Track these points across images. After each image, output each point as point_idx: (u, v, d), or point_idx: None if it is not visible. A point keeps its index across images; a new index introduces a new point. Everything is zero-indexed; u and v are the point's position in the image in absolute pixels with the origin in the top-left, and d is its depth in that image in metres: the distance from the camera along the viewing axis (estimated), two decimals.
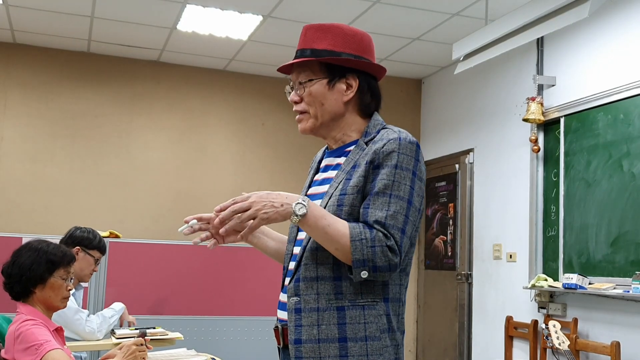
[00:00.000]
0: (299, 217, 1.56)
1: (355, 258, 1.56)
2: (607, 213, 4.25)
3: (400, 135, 1.68)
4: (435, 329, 6.16)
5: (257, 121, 6.47)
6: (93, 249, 3.41)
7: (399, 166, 1.63)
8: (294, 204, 1.57)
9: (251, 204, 1.56)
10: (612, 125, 4.28)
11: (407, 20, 5.07)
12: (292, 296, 1.66)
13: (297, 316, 1.64)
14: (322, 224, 1.58)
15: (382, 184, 1.62)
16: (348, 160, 1.73)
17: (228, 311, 4.75)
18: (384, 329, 1.63)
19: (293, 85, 1.80)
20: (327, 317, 1.61)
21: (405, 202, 1.62)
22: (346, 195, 1.65)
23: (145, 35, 5.58)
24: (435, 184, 6.26)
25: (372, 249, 1.56)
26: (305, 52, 1.76)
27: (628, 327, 4.08)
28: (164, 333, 3.44)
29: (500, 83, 5.48)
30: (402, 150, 1.65)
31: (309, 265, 1.65)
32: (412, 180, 1.65)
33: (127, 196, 6.03)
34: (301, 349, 1.61)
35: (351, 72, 1.75)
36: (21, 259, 2.47)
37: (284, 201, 1.58)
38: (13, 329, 2.37)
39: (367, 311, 1.62)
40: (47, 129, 5.91)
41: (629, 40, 4.20)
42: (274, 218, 1.57)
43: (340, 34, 1.75)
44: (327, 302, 1.62)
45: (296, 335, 1.62)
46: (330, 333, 1.60)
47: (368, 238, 1.57)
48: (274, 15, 5.07)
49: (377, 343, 1.61)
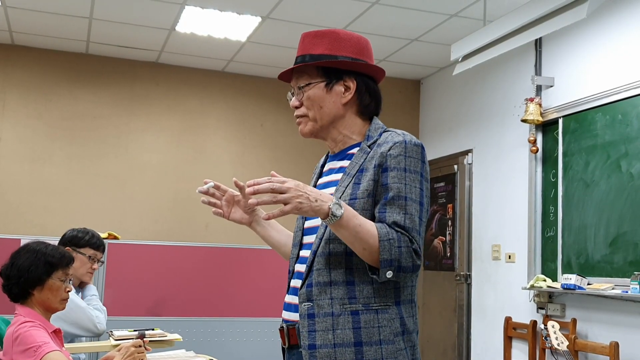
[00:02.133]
0: (337, 218, 1.56)
1: (384, 258, 1.58)
2: (606, 213, 4.25)
3: (405, 138, 1.70)
4: (434, 329, 6.16)
5: (256, 122, 6.47)
6: (84, 247, 3.35)
7: (407, 169, 1.66)
8: (331, 204, 1.55)
9: (288, 189, 1.54)
10: (611, 126, 4.28)
11: (405, 21, 5.08)
12: (304, 302, 1.67)
13: (310, 321, 1.64)
14: (355, 224, 1.58)
15: (396, 187, 1.65)
16: (352, 163, 1.74)
17: (227, 312, 4.74)
18: (398, 332, 1.64)
19: (293, 91, 1.82)
20: (342, 321, 1.62)
21: (418, 204, 1.66)
22: (357, 200, 1.66)
23: (144, 36, 5.58)
24: (434, 185, 6.26)
25: (399, 249, 1.59)
26: (303, 58, 1.78)
27: (627, 327, 4.08)
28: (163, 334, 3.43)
29: (499, 84, 5.48)
30: (409, 153, 1.68)
31: (321, 271, 1.66)
32: (421, 182, 1.68)
33: (126, 197, 6.03)
34: (316, 354, 1.62)
35: (348, 74, 1.77)
36: (19, 261, 2.46)
37: (318, 197, 1.56)
38: (11, 331, 2.36)
39: (381, 315, 1.63)
40: (46, 130, 5.91)
41: (627, 41, 4.21)
42: (305, 211, 1.55)
43: (336, 38, 1.77)
44: (341, 306, 1.63)
45: (310, 340, 1.63)
46: (346, 337, 1.61)
47: (395, 238, 1.59)
48: (272, 17, 5.07)
49: (391, 346, 1.62)
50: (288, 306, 1.75)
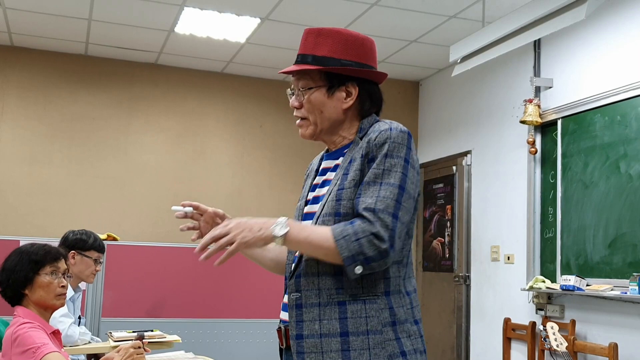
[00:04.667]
0: (282, 238, 1.59)
1: (344, 256, 1.57)
2: (605, 214, 4.25)
3: (391, 126, 1.70)
4: (433, 331, 6.16)
5: (255, 123, 6.47)
6: (89, 250, 3.40)
7: (389, 154, 1.65)
8: (272, 227, 1.59)
9: (229, 229, 1.59)
10: (609, 127, 4.29)
11: (404, 22, 5.08)
12: (292, 292, 1.68)
13: (298, 312, 1.66)
14: (304, 236, 1.61)
15: (373, 173, 1.64)
16: (345, 157, 1.74)
17: (226, 314, 4.74)
18: (386, 323, 1.63)
19: (294, 89, 1.81)
20: (328, 311, 1.63)
21: (396, 187, 1.63)
22: (344, 190, 1.66)
23: (143, 37, 5.58)
24: (433, 186, 6.27)
25: (357, 242, 1.57)
26: (305, 57, 1.76)
27: (626, 328, 4.08)
28: (162, 336, 3.43)
29: (498, 85, 5.48)
30: (393, 139, 1.67)
31: (310, 261, 1.67)
32: (404, 167, 1.65)
33: (125, 198, 6.02)
34: (303, 344, 1.63)
35: (351, 80, 1.76)
36: (7, 264, 2.49)
37: (262, 225, 1.60)
38: (10, 332, 2.36)
39: (368, 305, 1.63)
40: (45, 131, 5.91)
41: (626, 42, 4.21)
42: (253, 242, 1.60)
43: (341, 40, 1.75)
44: (329, 297, 1.64)
45: (297, 330, 1.64)
46: (332, 328, 1.62)
47: (350, 233, 1.57)
48: (271, 18, 5.07)
49: (378, 337, 1.62)
50: (285, 306, 1.75)
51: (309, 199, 1.82)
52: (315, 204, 1.77)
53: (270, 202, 6.35)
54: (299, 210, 1.83)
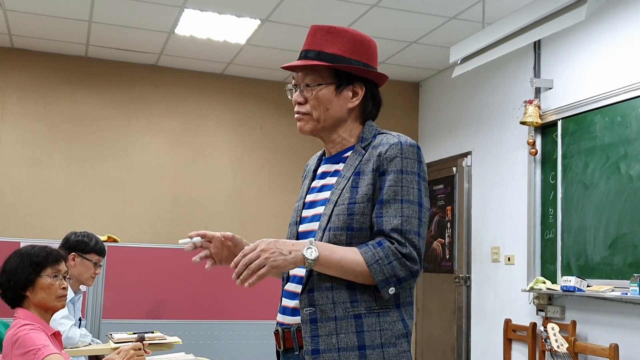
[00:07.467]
0: (314, 261, 1.60)
1: (379, 280, 1.60)
2: (605, 215, 4.25)
3: (400, 140, 1.70)
4: (433, 332, 6.16)
5: (255, 124, 6.48)
6: (89, 253, 3.39)
7: (404, 171, 1.67)
8: (304, 250, 1.60)
9: (260, 252, 1.59)
10: (610, 128, 4.29)
11: (404, 23, 5.08)
12: (305, 307, 1.67)
13: (312, 326, 1.65)
14: (336, 259, 1.61)
15: (392, 190, 1.65)
16: (347, 166, 1.74)
17: (227, 315, 4.74)
18: (400, 335, 1.65)
19: (297, 84, 1.79)
20: (345, 325, 1.63)
21: (416, 205, 1.66)
22: (356, 205, 1.67)
23: (143, 39, 5.58)
24: (433, 187, 6.26)
25: (389, 265, 1.60)
26: (313, 53, 1.76)
27: (626, 329, 4.08)
28: (162, 337, 3.43)
29: (498, 86, 5.48)
30: (405, 154, 1.68)
31: (322, 275, 1.66)
32: (419, 183, 1.69)
33: (125, 200, 6.02)
34: (319, 358, 1.63)
35: (359, 80, 1.77)
36: (7, 266, 2.49)
37: (291, 248, 1.61)
38: (10, 334, 2.36)
39: (382, 318, 1.64)
40: (45, 132, 5.91)
41: (626, 42, 4.21)
42: (284, 266, 1.60)
43: (350, 40, 1.76)
44: (344, 310, 1.64)
45: (313, 345, 1.63)
46: (350, 341, 1.62)
47: (382, 256, 1.60)
48: (271, 19, 5.07)
49: (393, 349, 1.63)
50: (284, 309, 1.76)
51: (307, 202, 1.82)
52: (312, 207, 1.77)
53: (270, 203, 6.35)
54: (297, 211, 1.83)
